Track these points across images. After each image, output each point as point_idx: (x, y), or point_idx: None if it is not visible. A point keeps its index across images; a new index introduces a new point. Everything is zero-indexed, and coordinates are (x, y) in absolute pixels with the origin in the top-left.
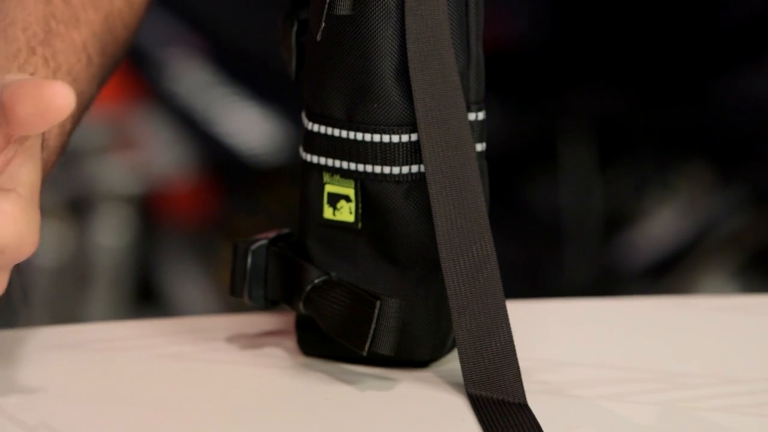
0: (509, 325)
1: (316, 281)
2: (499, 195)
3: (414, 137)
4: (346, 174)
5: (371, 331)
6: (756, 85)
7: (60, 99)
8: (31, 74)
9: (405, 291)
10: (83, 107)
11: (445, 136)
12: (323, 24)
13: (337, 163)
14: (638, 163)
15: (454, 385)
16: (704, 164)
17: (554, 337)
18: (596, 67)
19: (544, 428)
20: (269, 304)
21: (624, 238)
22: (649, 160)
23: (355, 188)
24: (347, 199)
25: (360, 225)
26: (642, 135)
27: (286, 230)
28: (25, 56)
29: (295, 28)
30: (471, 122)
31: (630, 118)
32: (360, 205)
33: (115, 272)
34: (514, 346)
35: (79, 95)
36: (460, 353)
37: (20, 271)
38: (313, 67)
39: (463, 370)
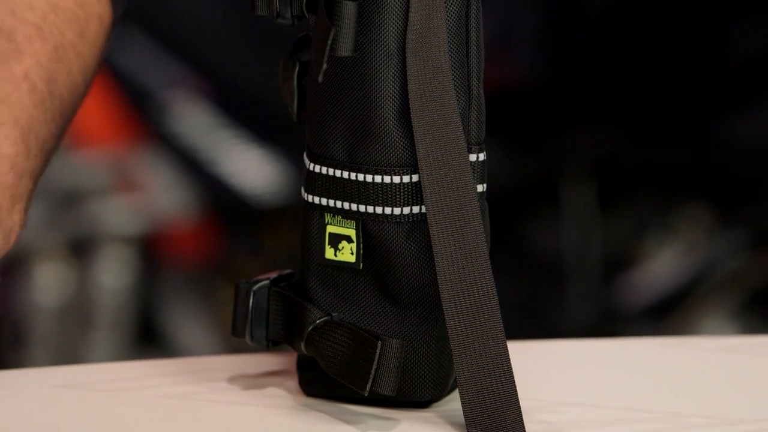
0: (510, 365)
1: (318, 322)
2: (500, 236)
3: (415, 178)
4: (347, 214)
5: (373, 372)
6: (755, 127)
7: None
8: None
9: (406, 331)
10: (36, 130)
11: (446, 177)
12: (325, 65)
13: (339, 204)
14: (638, 204)
15: (455, 425)
16: (704, 206)
17: (555, 378)
18: (596, 109)
19: None
20: (271, 345)
21: (624, 278)
22: (650, 201)
23: (357, 229)
24: (349, 239)
25: (361, 265)
26: (642, 177)
27: (287, 271)
28: None
29: (297, 70)
30: (472, 163)
31: (630, 159)
32: (361, 245)
33: (117, 313)
34: (515, 387)
35: (16, 119)
36: (461, 393)
37: (10, 313)
38: (314, 109)
39: (464, 411)
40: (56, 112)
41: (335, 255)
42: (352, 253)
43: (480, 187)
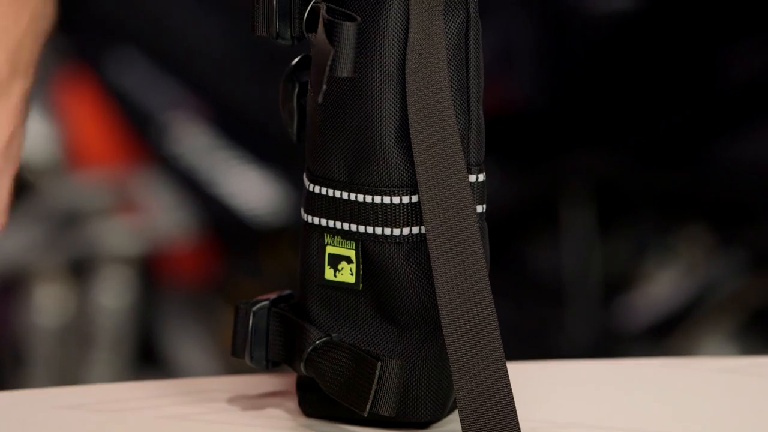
0: (510, 386)
1: (317, 342)
2: (499, 256)
3: (415, 199)
4: (347, 235)
5: (372, 392)
6: (755, 148)
7: None
8: None
9: (406, 352)
10: None
11: (445, 198)
12: (324, 86)
13: (338, 225)
14: (638, 225)
15: None
16: (704, 227)
17: (555, 398)
18: (596, 130)
19: None
20: (270, 365)
21: (624, 299)
22: (649, 222)
23: (356, 249)
24: (348, 260)
25: (361, 286)
26: (642, 198)
27: (287, 291)
28: None
29: (296, 91)
30: (471, 184)
31: (630, 181)
32: (361, 266)
33: (117, 333)
34: (515, 407)
35: None
36: (460, 414)
37: (10, 333)
38: (314, 129)
39: (463, 431)
40: None
41: (335, 276)
42: (351, 274)
43: (480, 208)
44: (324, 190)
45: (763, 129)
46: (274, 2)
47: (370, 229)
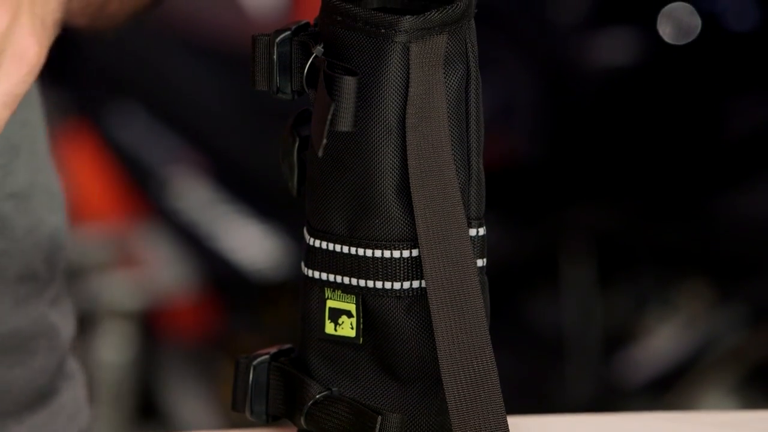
0: None
1: (318, 396)
2: (499, 310)
3: (415, 253)
4: (347, 289)
5: None
6: (754, 202)
7: None
8: None
9: (407, 406)
10: None
11: (445, 252)
12: (325, 140)
13: (339, 279)
14: (638, 279)
15: None
16: (704, 281)
17: None
18: (596, 184)
19: None
20: (271, 419)
21: (625, 354)
22: (649, 277)
23: (357, 303)
24: (349, 314)
25: (361, 340)
26: (642, 252)
27: (287, 345)
28: None
29: (296, 145)
30: (472, 238)
31: (630, 235)
32: (361, 320)
33: (118, 388)
34: None
35: None
36: None
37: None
38: (314, 183)
39: None
40: None
41: (335, 329)
42: (352, 328)
43: (480, 262)
44: (324, 244)
45: (763, 184)
46: (275, 56)
47: (370, 283)
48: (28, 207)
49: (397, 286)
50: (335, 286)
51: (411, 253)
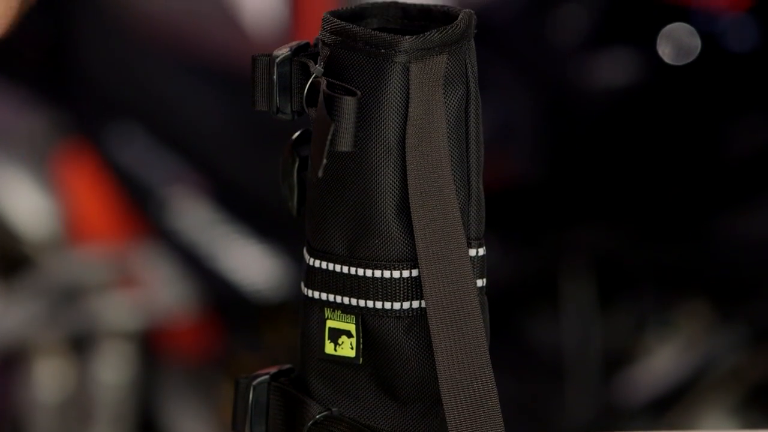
0: None
1: (317, 417)
2: (499, 331)
3: (415, 273)
4: (347, 309)
5: None
6: (755, 224)
7: None
8: None
9: (406, 426)
10: None
11: (445, 272)
12: (325, 160)
13: (338, 299)
14: (638, 300)
15: None
16: (704, 302)
17: None
18: (596, 204)
19: None
20: None
21: (625, 374)
22: (649, 297)
23: (356, 323)
24: (348, 334)
25: (361, 360)
26: (642, 273)
27: (287, 366)
28: None
29: (296, 165)
30: (471, 258)
31: (630, 255)
32: (361, 340)
33: (117, 409)
34: None
35: None
36: None
37: (10, 409)
38: (314, 204)
39: None
40: None
41: (335, 350)
42: (351, 348)
43: (480, 282)
44: (324, 264)
45: (763, 204)
46: (275, 77)
47: (370, 303)
48: None
49: (396, 306)
50: (335, 306)
51: (411, 273)
